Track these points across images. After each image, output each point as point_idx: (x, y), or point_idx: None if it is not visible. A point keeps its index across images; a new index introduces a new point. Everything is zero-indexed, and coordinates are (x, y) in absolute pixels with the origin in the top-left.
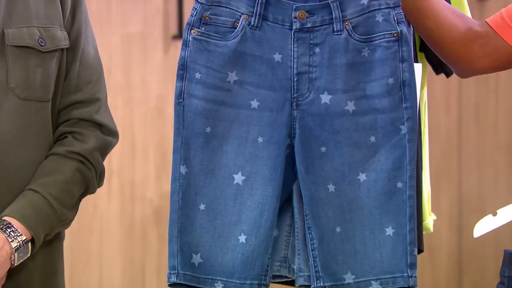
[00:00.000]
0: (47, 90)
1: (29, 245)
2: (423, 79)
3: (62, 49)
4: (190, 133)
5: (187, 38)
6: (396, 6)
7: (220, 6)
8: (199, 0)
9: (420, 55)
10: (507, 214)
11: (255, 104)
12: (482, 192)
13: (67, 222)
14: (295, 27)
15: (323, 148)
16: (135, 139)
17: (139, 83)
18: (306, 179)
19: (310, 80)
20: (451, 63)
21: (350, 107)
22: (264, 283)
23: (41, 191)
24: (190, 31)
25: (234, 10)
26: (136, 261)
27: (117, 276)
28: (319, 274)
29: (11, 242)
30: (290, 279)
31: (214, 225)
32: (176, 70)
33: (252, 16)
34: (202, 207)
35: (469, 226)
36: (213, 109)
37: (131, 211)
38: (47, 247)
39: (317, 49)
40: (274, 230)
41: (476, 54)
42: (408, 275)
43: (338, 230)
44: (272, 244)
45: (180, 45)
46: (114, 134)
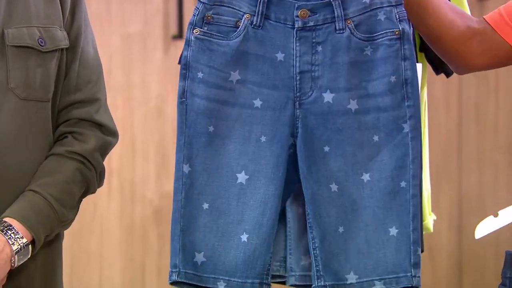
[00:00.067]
0: (47, 90)
1: (29, 246)
2: (423, 79)
3: (62, 49)
4: (193, 132)
5: (190, 38)
6: (398, 4)
7: (223, 6)
8: (202, 0)
9: (420, 55)
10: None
11: (258, 103)
12: (482, 192)
13: (67, 222)
14: (297, 26)
15: (326, 148)
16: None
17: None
18: (308, 178)
19: (312, 78)
20: (449, 60)
21: (353, 105)
22: (266, 282)
23: (41, 192)
24: (193, 30)
25: (236, 9)
26: (136, 261)
27: (117, 276)
28: (320, 273)
29: (12, 245)
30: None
31: (217, 224)
32: (176, 70)
33: (254, 15)
34: (206, 206)
35: (469, 226)
36: (215, 108)
37: (131, 211)
38: (47, 247)
39: (319, 47)
40: (275, 229)
41: (474, 51)
42: (411, 275)
43: (341, 230)
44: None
45: (180, 45)
46: (114, 134)
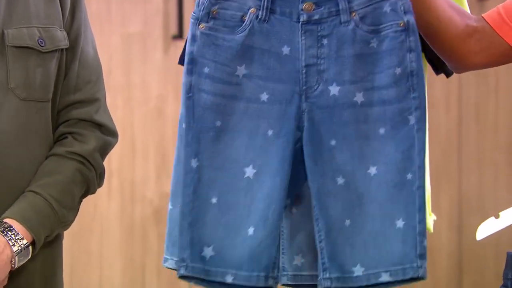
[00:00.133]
0: (47, 90)
1: (29, 247)
2: None
3: (62, 49)
4: (201, 127)
5: (195, 33)
6: None
7: (228, 0)
8: None
9: None
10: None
11: (264, 97)
12: (482, 192)
13: (67, 223)
14: (302, 20)
15: (332, 141)
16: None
17: (139, 83)
18: (314, 172)
19: (318, 72)
20: (447, 58)
21: (359, 98)
22: (272, 276)
23: (41, 193)
24: (198, 25)
25: (241, 4)
26: (136, 261)
27: (117, 276)
28: (326, 265)
29: (12, 246)
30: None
31: (225, 218)
32: (176, 70)
33: (260, 9)
34: (214, 200)
35: (469, 226)
36: (222, 103)
37: (131, 211)
38: (47, 248)
39: (324, 40)
40: (281, 223)
41: (472, 49)
42: (417, 266)
43: (347, 223)
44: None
45: (180, 45)
46: (113, 134)
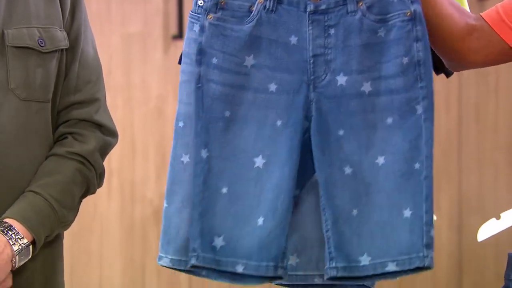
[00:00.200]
0: (47, 91)
1: (30, 247)
2: None
3: (62, 49)
4: (210, 117)
5: (204, 24)
6: None
7: None
8: None
9: None
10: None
11: (272, 87)
12: (482, 192)
13: (67, 223)
14: (309, 9)
15: (340, 131)
16: (135, 139)
17: (139, 83)
18: (321, 162)
19: (326, 62)
20: (446, 56)
21: (366, 88)
22: (282, 265)
23: (42, 193)
24: (206, 16)
25: None
26: (136, 261)
27: (117, 276)
28: (332, 255)
29: (13, 245)
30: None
31: (235, 208)
32: (176, 70)
33: (267, 0)
34: (224, 190)
35: (469, 226)
36: (231, 93)
37: (131, 211)
38: (47, 247)
39: (332, 30)
40: (290, 213)
41: (470, 48)
42: (424, 255)
43: (354, 212)
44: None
45: (180, 45)
46: (113, 134)
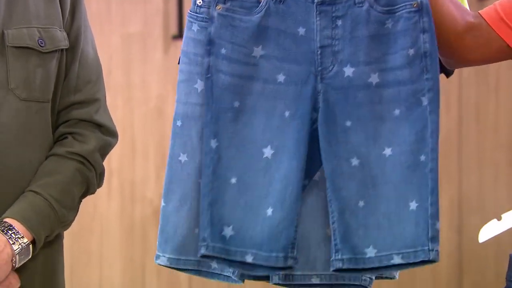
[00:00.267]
0: (47, 91)
1: (30, 247)
2: None
3: (62, 49)
4: (219, 107)
5: (213, 14)
6: None
7: None
8: None
9: None
10: None
11: (281, 78)
12: (482, 192)
13: (67, 223)
14: (317, 0)
15: (348, 122)
16: (135, 139)
17: (139, 83)
18: (328, 153)
19: (333, 53)
20: (445, 53)
21: (374, 79)
22: (291, 256)
23: (42, 192)
24: (215, 7)
25: None
26: (136, 261)
27: (117, 276)
28: (338, 247)
29: (13, 245)
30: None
31: (244, 198)
32: (176, 70)
33: None
34: (233, 180)
35: (469, 226)
36: (240, 84)
37: (131, 211)
38: (47, 247)
39: (339, 21)
40: (299, 204)
41: (468, 46)
42: (429, 249)
43: (361, 204)
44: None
45: (180, 45)
46: (113, 134)
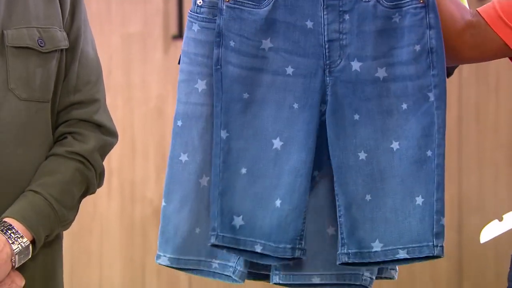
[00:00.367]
0: (47, 91)
1: (30, 246)
2: None
3: (62, 49)
4: (229, 98)
5: (221, 7)
6: None
7: None
8: None
9: None
10: None
11: (290, 70)
12: (482, 192)
13: (67, 223)
14: None
15: (356, 116)
16: (135, 139)
17: (139, 83)
18: (335, 146)
19: (341, 47)
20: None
21: (381, 73)
22: (299, 247)
23: (41, 192)
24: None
25: None
26: (136, 261)
27: (117, 276)
28: (344, 240)
29: (12, 244)
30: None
31: (254, 189)
32: (176, 70)
33: None
34: (243, 171)
35: (469, 226)
36: (249, 75)
37: (131, 211)
38: (47, 247)
39: (346, 16)
40: (308, 196)
41: (466, 44)
42: (433, 244)
43: (368, 198)
44: None
45: (180, 45)
46: (113, 134)
